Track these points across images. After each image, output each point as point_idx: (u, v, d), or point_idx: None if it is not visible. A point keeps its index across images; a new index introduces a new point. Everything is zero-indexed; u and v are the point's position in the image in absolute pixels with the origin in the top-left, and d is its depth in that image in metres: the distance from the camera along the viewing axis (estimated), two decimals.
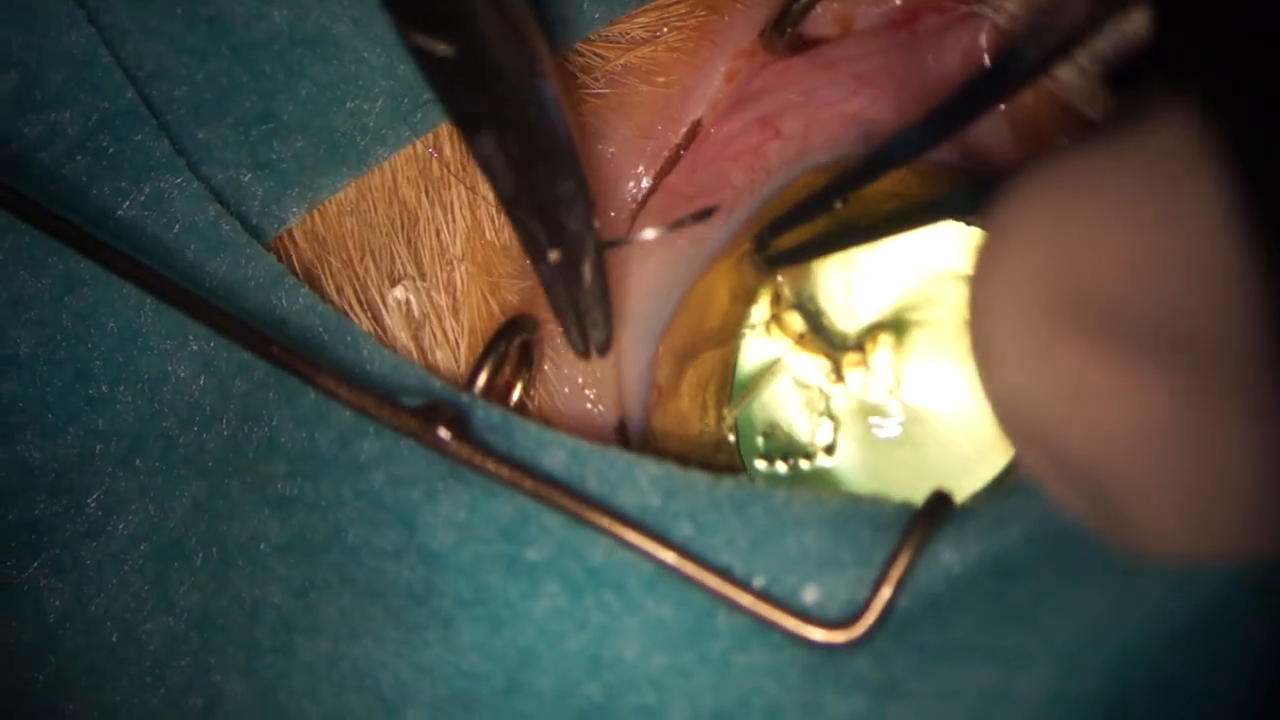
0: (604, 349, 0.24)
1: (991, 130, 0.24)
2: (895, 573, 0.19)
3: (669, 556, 0.19)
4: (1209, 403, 0.14)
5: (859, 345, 0.25)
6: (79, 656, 0.22)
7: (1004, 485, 0.22)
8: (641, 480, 0.20)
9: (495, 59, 0.18)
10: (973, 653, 0.19)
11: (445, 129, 0.23)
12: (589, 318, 0.23)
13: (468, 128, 0.20)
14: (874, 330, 0.25)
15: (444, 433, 0.20)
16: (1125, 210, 0.14)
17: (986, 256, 0.16)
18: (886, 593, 0.19)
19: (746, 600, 0.19)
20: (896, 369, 0.25)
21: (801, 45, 0.25)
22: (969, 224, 0.25)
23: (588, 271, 0.22)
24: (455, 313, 0.23)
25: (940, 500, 0.20)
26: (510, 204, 0.21)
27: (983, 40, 0.24)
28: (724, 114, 0.25)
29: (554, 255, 0.21)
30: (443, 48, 0.18)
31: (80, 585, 0.22)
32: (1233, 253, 0.13)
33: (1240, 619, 0.19)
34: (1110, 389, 0.15)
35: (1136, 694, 0.19)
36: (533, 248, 0.21)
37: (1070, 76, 0.21)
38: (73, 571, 0.22)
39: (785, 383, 0.25)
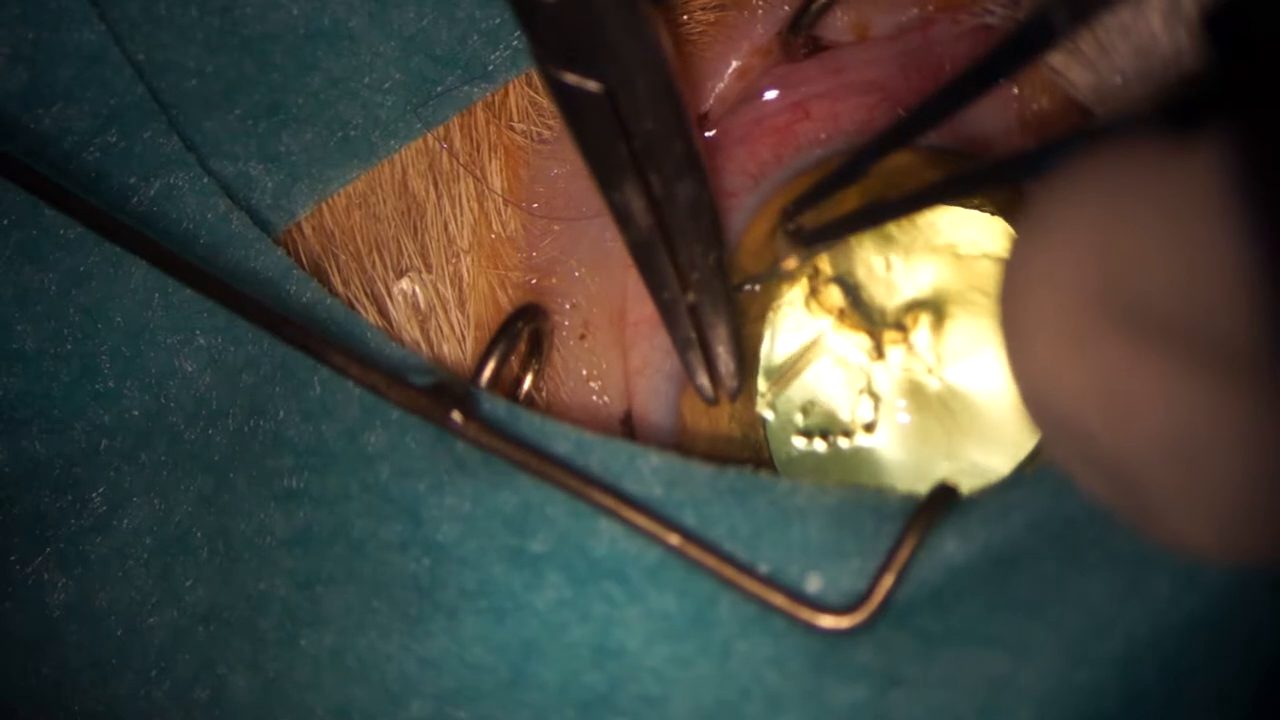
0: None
1: (997, 118, 0.24)
2: (899, 560, 0.19)
3: (674, 540, 0.20)
4: (1248, 405, 0.14)
5: (899, 323, 0.25)
6: (83, 650, 0.22)
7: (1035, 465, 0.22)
8: (644, 470, 0.20)
9: (647, 92, 0.18)
10: (976, 641, 0.19)
11: (456, 121, 0.23)
12: (720, 361, 0.23)
13: (610, 171, 0.19)
14: (914, 308, 0.25)
15: (455, 414, 0.20)
16: (1171, 213, 0.14)
17: (1024, 245, 0.16)
18: (890, 579, 0.19)
19: (751, 585, 0.19)
20: (937, 348, 0.25)
21: (817, 49, 0.25)
22: (993, 212, 0.25)
23: (722, 314, 0.22)
24: (461, 305, 0.23)
25: (945, 491, 0.20)
26: (642, 249, 0.21)
27: None
28: (728, 110, 0.25)
29: (690, 298, 0.22)
30: (592, 85, 0.17)
31: (85, 579, 0.22)
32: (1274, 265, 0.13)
33: (1252, 611, 0.19)
34: (1148, 386, 0.15)
35: (1145, 685, 0.19)
36: (662, 290, 0.22)
37: (1076, 71, 0.22)
38: (77, 565, 0.22)
39: (825, 359, 0.25)
